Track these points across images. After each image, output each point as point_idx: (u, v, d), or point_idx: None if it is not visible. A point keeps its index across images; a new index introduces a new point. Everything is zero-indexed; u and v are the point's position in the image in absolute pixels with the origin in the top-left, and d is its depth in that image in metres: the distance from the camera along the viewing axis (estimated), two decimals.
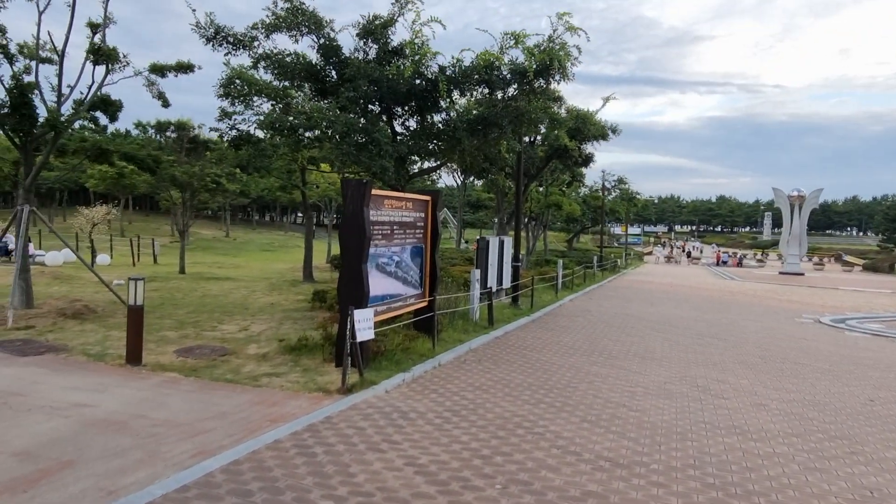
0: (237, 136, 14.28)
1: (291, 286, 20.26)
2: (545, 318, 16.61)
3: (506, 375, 9.35)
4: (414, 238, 10.94)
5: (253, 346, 10.84)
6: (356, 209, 8.84)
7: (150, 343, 10.63)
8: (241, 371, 8.91)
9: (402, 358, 9.81)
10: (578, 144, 22.85)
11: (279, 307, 15.59)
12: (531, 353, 11.22)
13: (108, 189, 40.02)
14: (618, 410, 7.70)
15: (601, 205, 41.45)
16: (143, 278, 9.15)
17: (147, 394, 7.50)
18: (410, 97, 13.26)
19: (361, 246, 8.82)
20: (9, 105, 11.96)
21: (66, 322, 12.05)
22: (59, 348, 9.79)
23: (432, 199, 11.54)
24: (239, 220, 71.46)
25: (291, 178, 21.30)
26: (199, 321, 13.02)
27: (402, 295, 10.55)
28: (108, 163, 14.40)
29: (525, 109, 14.07)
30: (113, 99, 13.53)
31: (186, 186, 22.03)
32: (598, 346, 12.44)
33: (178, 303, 15.54)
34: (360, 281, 8.82)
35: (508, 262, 18.82)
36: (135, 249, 26.53)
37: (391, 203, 10.00)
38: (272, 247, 46.30)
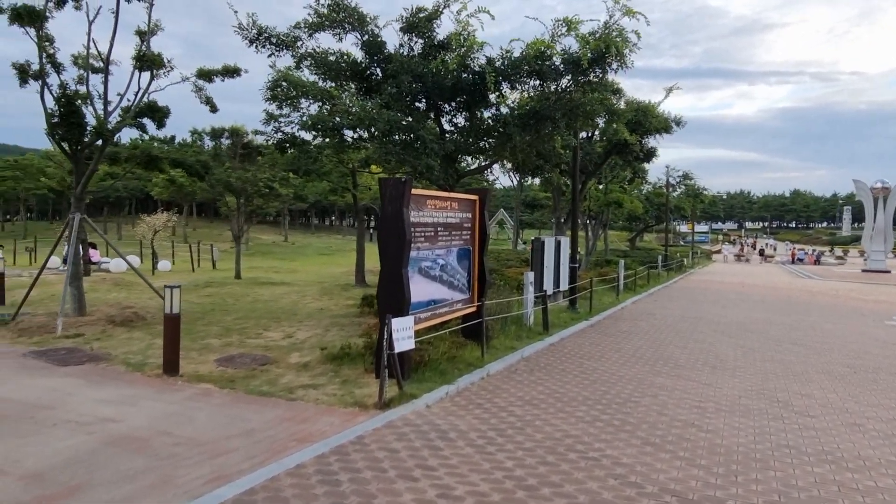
0: (282, 138, 14.01)
1: (343, 290, 19.98)
2: (605, 322, 15.65)
3: (559, 388, 8.57)
4: (460, 240, 10.30)
5: (295, 354, 10.45)
6: (395, 210, 8.28)
7: (193, 351, 10.40)
8: (278, 382, 8.49)
9: (448, 368, 9.18)
10: (639, 138, 21.66)
11: (327, 312, 15.25)
12: (588, 362, 10.39)
13: (171, 197, 41.25)
14: (686, 431, 6.82)
15: (665, 202, 39.66)
16: (178, 286, 8.87)
17: (176, 408, 7.14)
18: (457, 92, 12.64)
19: (401, 249, 8.25)
20: (58, 115, 12.03)
21: (114, 330, 12.01)
22: (100, 357, 9.65)
23: (480, 199, 10.87)
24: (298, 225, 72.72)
25: (342, 180, 21.09)
26: (245, 328, 12.78)
27: (448, 300, 9.92)
28: (159, 169, 14.40)
29: (580, 102, 13.23)
30: (160, 105, 13.51)
31: (241, 192, 22.13)
32: (663, 353, 11.47)
33: (228, 308, 15.43)
34: (400, 286, 8.25)
35: (565, 264, 17.93)
36: (194, 255, 26.99)
37: (434, 203, 9.40)
38: (329, 251, 46.64)
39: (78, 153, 12.73)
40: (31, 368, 8.90)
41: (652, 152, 23.31)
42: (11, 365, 9.10)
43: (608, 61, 12.72)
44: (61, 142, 12.40)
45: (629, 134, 20.62)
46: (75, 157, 12.76)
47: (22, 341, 10.99)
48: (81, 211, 12.78)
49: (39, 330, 11.70)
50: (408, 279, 8.34)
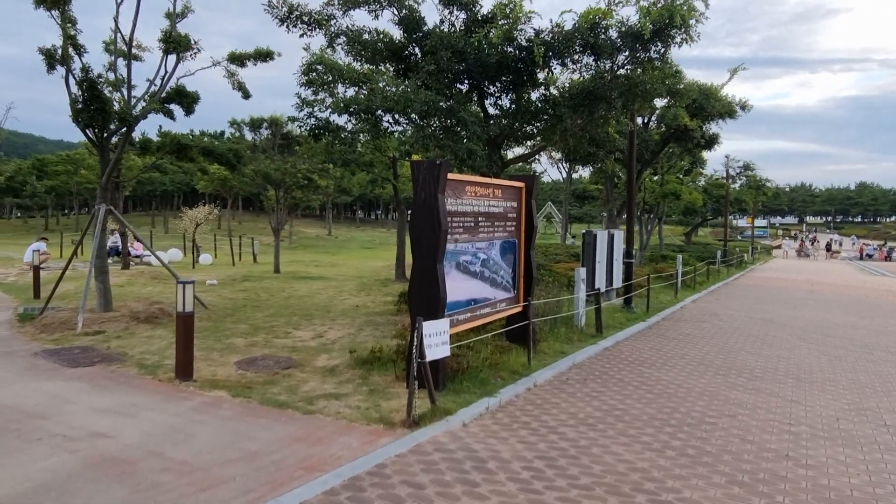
0: (315, 124, 13.13)
1: (382, 286, 19.10)
2: (664, 323, 14.28)
3: (619, 403, 7.39)
4: (504, 231, 9.19)
5: (323, 357, 9.54)
6: (428, 197, 7.23)
7: (215, 352, 9.63)
8: (298, 390, 7.57)
9: (489, 376, 8.11)
10: (700, 124, 20.03)
11: (363, 310, 14.36)
12: (650, 371, 9.15)
13: (215, 190, 41.41)
14: (779, 465, 5.57)
15: (725, 194, 37.41)
16: (192, 282, 8.04)
17: (178, 421, 6.28)
18: (502, 70, 11.49)
19: (436, 241, 7.20)
20: (81, 100, 11.44)
21: (137, 327, 11.38)
22: (114, 358, 8.94)
23: (526, 186, 9.73)
24: (344, 219, 72.64)
25: (383, 171, 20.20)
26: (274, 326, 11.98)
27: (491, 299, 8.83)
28: (189, 158, 13.75)
29: (638, 80, 11.90)
30: (188, 90, 12.82)
31: (279, 184, 21.51)
32: (735, 361, 10.11)
33: (260, 304, 14.71)
34: (433, 284, 7.21)
35: (619, 259, 16.57)
36: (235, 249, 26.65)
37: (475, 190, 8.31)
38: (373, 244, 46.05)
39: (103, 141, 12.13)
40: (38, 370, 8.24)
41: (714, 139, 21.60)
42: (20, 365, 8.46)
43: (671, 34, 11.38)
44: (86, 129, 11.81)
45: (689, 119, 19.06)
46: (101, 146, 12.17)
47: (41, 338, 10.44)
48: (107, 202, 12.20)
49: (61, 326, 11.14)
50: (443, 275, 7.29)
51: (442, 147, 11.16)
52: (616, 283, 16.38)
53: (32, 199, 47.40)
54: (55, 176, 44.41)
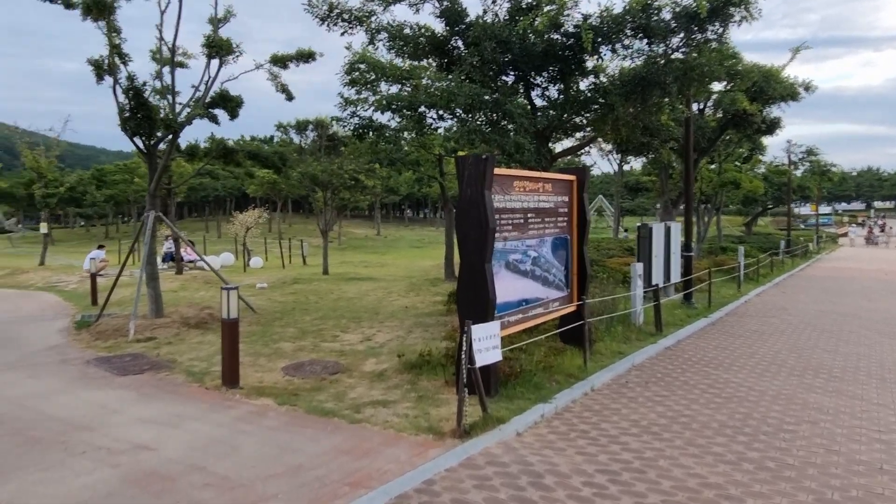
0: (359, 123, 12.93)
1: (431, 286, 18.83)
2: (728, 319, 13.52)
3: (685, 408, 6.86)
4: (555, 227, 8.74)
5: (371, 361, 9.30)
6: (475, 193, 6.86)
7: (262, 357, 9.52)
8: (345, 397, 7.33)
9: (543, 380, 7.69)
10: (760, 108, 18.97)
11: (412, 311, 14.10)
12: (717, 372, 8.54)
13: (266, 194, 42.03)
14: (873, 480, 4.98)
15: (787, 181, 35.60)
16: (236, 287, 7.91)
17: (223, 432, 6.11)
18: (549, 59, 11.01)
19: (483, 239, 6.83)
20: (128, 108, 11.54)
21: (187, 333, 11.40)
22: (162, 366, 8.91)
23: (577, 179, 9.24)
24: (392, 218, 72.93)
25: (429, 169, 19.92)
26: (322, 329, 11.84)
27: (543, 299, 8.40)
28: (235, 163, 13.77)
29: (695, 63, 11.23)
30: (232, 94, 12.81)
31: (326, 185, 21.50)
32: (810, 360, 9.38)
33: (309, 307, 14.64)
34: (482, 285, 6.84)
35: (677, 253, 15.81)
36: (285, 252, 26.90)
37: (523, 185, 7.89)
38: (422, 243, 45.94)
39: (151, 148, 12.23)
40: (89, 378, 8.26)
41: (776, 123, 20.45)
42: (72, 374, 8.51)
43: (730, 12, 10.69)
44: (133, 137, 11.92)
45: (749, 103, 18.05)
46: (149, 153, 12.27)
47: (95, 345, 10.56)
48: (156, 208, 12.29)
49: (115, 333, 11.27)
50: (492, 276, 6.91)
51: (488, 142, 10.77)
52: (674, 278, 15.64)
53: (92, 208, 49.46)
54: (113, 185, 46.15)
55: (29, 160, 24.89)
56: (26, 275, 23.49)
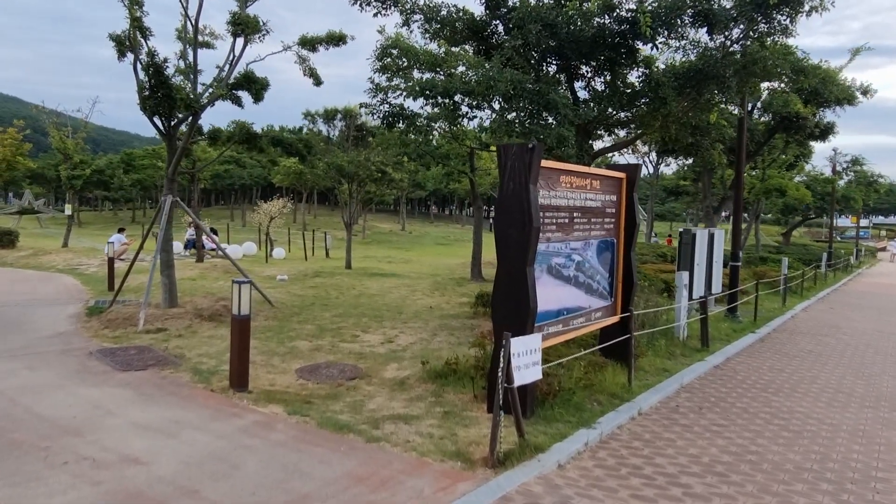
0: (389, 111, 12.20)
1: (457, 285, 18.05)
2: (777, 336, 12.52)
3: (749, 443, 5.98)
4: (602, 229, 7.89)
5: (392, 366, 8.56)
6: (518, 187, 6.06)
7: (276, 356, 8.83)
8: (363, 408, 6.59)
9: (584, 400, 6.87)
10: (814, 111, 17.83)
11: (437, 311, 13.34)
12: (778, 399, 7.63)
13: (291, 184, 41.60)
14: None
15: (831, 191, 34.03)
16: (249, 281, 7.20)
17: (223, 446, 5.40)
18: (598, 46, 10.13)
19: (525, 240, 6.02)
20: (148, 87, 10.94)
21: (200, 325, 10.78)
22: (168, 362, 8.26)
23: (627, 177, 8.38)
24: (418, 214, 72.23)
25: (459, 163, 19.14)
26: (342, 328, 11.14)
27: (585, 308, 7.57)
28: (259, 148, 13.13)
29: (757, 56, 10.28)
30: (258, 76, 12.15)
31: (352, 177, 20.83)
32: (881, 388, 8.40)
33: (329, 303, 13.96)
34: (522, 291, 6.03)
35: (720, 261, 14.79)
36: (308, 243, 26.33)
37: (570, 180, 7.06)
38: (447, 240, 45.15)
39: (171, 130, 11.63)
40: (88, 373, 7.64)
41: (829, 128, 19.25)
42: (71, 367, 7.90)
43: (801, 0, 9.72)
44: (153, 116, 11.32)
45: (802, 105, 16.94)
46: (168, 134, 11.67)
47: (103, 335, 9.98)
48: (174, 193, 11.69)
49: (125, 322, 10.69)
50: (534, 281, 6.10)
51: (528, 133, 9.94)
52: (715, 289, 14.64)
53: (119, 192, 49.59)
54: (141, 169, 46.15)
55: (56, 140, 24.65)
56: (49, 256, 23.23)
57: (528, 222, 5.98)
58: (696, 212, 40.17)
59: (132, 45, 11.13)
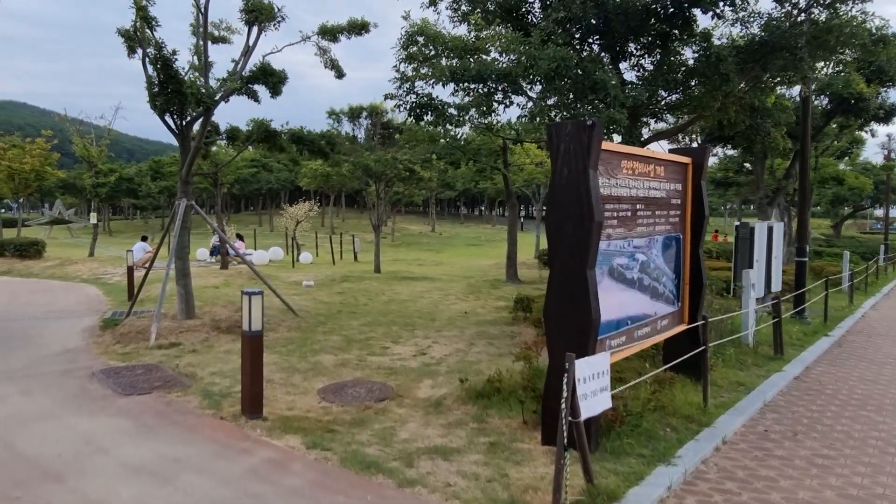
0: (416, 101, 11.23)
1: (492, 288, 17.01)
2: (854, 338, 11.21)
3: (871, 482, 4.84)
4: (667, 223, 6.79)
5: (426, 382, 7.58)
6: (574, 174, 5.01)
7: (297, 373, 7.93)
8: (393, 438, 5.61)
9: (655, 425, 5.79)
10: (878, 90, 16.35)
11: (473, 317, 12.33)
12: (883, 420, 6.43)
13: (319, 187, 40.94)
14: None
15: (886, 179, 31.98)
16: (260, 292, 6.28)
17: (226, 494, 4.47)
18: (649, 18, 9.02)
19: (585, 237, 4.97)
20: (157, 82, 10.16)
21: (217, 338, 9.95)
22: (177, 382, 7.40)
23: (693, 163, 7.25)
24: (447, 215, 71.25)
25: (491, 159, 18.10)
26: (370, 338, 10.21)
27: (650, 316, 6.47)
28: (279, 147, 12.30)
29: (832, 24, 9.05)
30: (275, 69, 11.30)
31: (380, 176, 19.94)
32: None
33: (357, 310, 13.05)
34: (582, 299, 4.98)
35: (779, 258, 13.50)
36: (336, 247, 25.55)
37: (632, 166, 5.99)
38: (478, 241, 44.04)
39: (183, 129, 10.84)
40: (86, 398, 6.81)
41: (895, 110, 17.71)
42: (69, 391, 7.09)
43: None
44: (163, 114, 10.54)
45: (865, 85, 15.49)
46: (181, 134, 10.89)
47: (112, 351, 9.21)
48: (189, 197, 10.91)
49: (137, 336, 9.92)
50: (595, 287, 5.04)
51: (574, 117, 8.86)
52: (775, 287, 13.35)
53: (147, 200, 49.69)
54: (169, 176, 46.05)
55: (79, 149, 24.31)
56: (74, 266, 22.87)
57: (587, 216, 4.93)
58: (734, 205, 38.29)
59: (140, 39, 10.37)
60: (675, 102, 10.88)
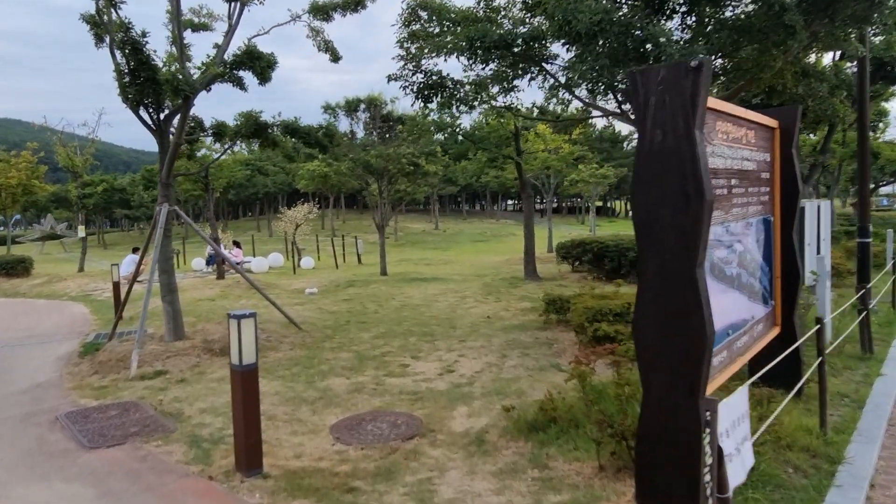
0: (424, 81, 9.86)
1: (511, 287, 15.65)
2: None
3: None
4: (758, 203, 5.41)
5: (460, 411, 6.24)
6: (674, 135, 3.63)
7: (304, 405, 6.60)
8: (434, 499, 4.27)
9: (773, 464, 4.43)
10: None
11: (498, 322, 10.98)
12: None
13: (317, 188, 39.52)
14: None
15: None
16: (252, 314, 4.93)
17: None
18: None
19: (694, 225, 3.59)
20: (127, 70, 8.79)
21: (210, 363, 8.60)
22: (158, 426, 6.04)
23: (781, 128, 5.88)
24: (449, 211, 69.81)
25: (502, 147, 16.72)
26: (386, 354, 8.86)
27: (748, 321, 5.08)
28: (271, 142, 10.95)
29: None
30: (262, 51, 9.94)
31: (382, 173, 18.56)
32: None
33: (367, 319, 11.70)
34: (692, 311, 3.59)
35: (827, 240, 12.11)
36: (338, 250, 24.20)
37: (726, 129, 4.61)
38: (484, 237, 42.64)
39: (161, 124, 9.49)
40: (43, 454, 5.46)
41: None
42: (24, 444, 5.73)
43: None
44: (138, 108, 9.17)
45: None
46: (159, 129, 9.53)
47: (87, 384, 7.88)
48: (171, 201, 9.55)
49: (118, 365, 8.58)
50: (707, 292, 3.67)
51: (612, 86, 7.48)
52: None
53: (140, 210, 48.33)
54: None
55: (63, 158, 22.93)
56: (63, 283, 21.57)
57: (695, 194, 3.55)
58: None
59: (105, 23, 9.01)
60: (722, 67, 9.52)
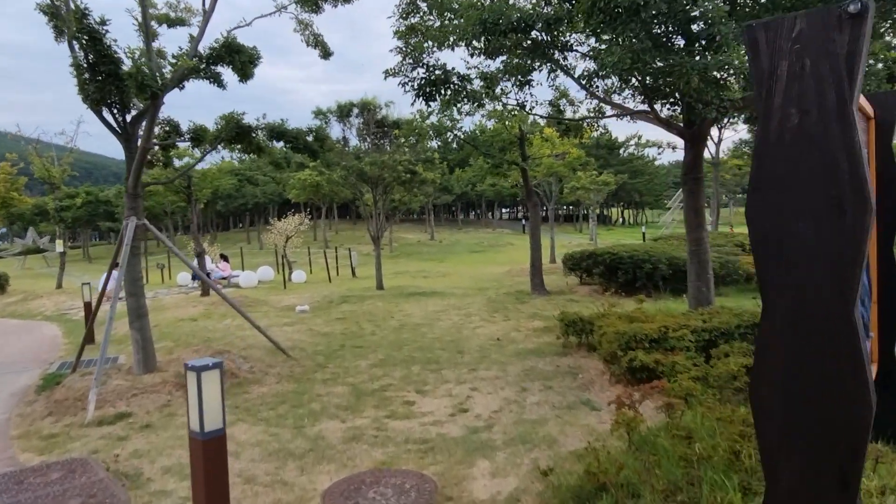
0: (426, 77, 8.74)
1: (518, 302, 14.51)
2: None
3: None
4: None
5: (482, 466, 5.10)
6: (818, 113, 2.50)
7: (291, 461, 5.43)
8: None
9: None
10: None
11: (511, 346, 9.83)
12: None
13: (309, 198, 38.26)
14: None
15: None
16: (216, 364, 3.75)
17: None
18: None
19: (851, 244, 2.46)
20: (87, 64, 7.64)
21: (182, 402, 7.39)
22: (104, 499, 4.83)
23: (877, 115, 4.78)
24: (444, 221, 68.68)
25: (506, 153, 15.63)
26: (387, 387, 7.69)
27: None
28: (256, 147, 9.80)
29: None
30: (243, 44, 8.82)
31: (377, 181, 17.43)
32: None
33: (363, 343, 10.53)
34: (852, 371, 2.46)
35: None
36: (332, 262, 23.02)
37: None
38: (481, 247, 41.49)
39: (127, 126, 8.32)
40: None
41: None
42: None
43: None
44: (101, 109, 8.00)
45: None
46: (125, 133, 8.36)
47: (36, 431, 6.67)
48: (139, 214, 8.37)
49: (75, 405, 7.38)
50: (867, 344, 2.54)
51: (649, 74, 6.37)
52: None
53: None
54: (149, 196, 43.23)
55: (38, 169, 21.69)
56: (39, 300, 20.33)
57: (854, 198, 2.43)
58: None
59: (62, 14, 7.86)
60: None
